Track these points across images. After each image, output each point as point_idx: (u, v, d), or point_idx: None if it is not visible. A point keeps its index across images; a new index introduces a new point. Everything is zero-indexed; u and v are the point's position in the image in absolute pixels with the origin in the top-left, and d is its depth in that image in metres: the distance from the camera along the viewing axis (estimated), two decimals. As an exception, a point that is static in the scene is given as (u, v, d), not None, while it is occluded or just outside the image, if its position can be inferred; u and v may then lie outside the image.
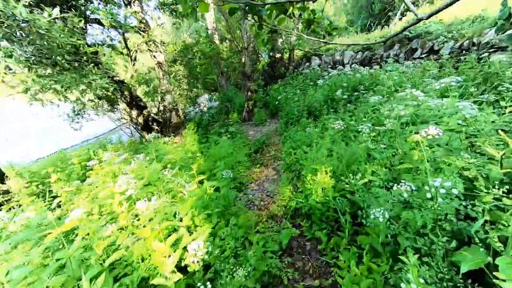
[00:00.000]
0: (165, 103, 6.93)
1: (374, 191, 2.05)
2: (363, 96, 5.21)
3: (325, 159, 3.06)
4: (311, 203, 2.64)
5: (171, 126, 7.14)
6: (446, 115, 2.46)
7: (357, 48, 9.10)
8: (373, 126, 3.03)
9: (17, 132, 16.09)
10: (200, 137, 7.03)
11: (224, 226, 2.44)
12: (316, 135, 4.91)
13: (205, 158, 4.56)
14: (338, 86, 6.03)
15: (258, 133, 7.85)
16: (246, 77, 8.98)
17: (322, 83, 6.86)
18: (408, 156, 2.10)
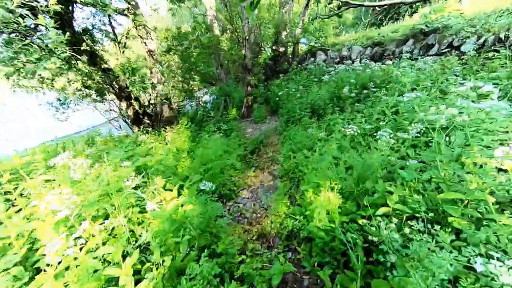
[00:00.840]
0: (157, 95, 6.29)
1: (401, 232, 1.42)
2: (373, 94, 4.55)
3: (331, 170, 2.43)
4: (311, 229, 2.02)
5: (162, 121, 6.51)
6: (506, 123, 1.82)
7: (366, 43, 8.36)
8: (392, 132, 2.38)
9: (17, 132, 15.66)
10: (193, 133, 6.41)
11: (195, 257, 1.83)
12: (318, 137, 4.27)
13: (192, 159, 3.94)
14: (345, 83, 5.36)
15: (257, 131, 7.21)
16: (246, 70, 8.30)
17: (328, 78, 6.18)
18: (461, 183, 1.45)
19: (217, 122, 6.86)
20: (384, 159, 2.18)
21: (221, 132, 6.16)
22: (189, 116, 6.77)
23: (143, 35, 5.91)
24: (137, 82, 5.39)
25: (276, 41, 10.71)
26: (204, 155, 3.59)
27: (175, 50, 6.70)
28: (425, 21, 6.74)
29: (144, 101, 6.93)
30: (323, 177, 2.34)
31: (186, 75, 7.07)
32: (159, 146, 5.33)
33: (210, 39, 6.79)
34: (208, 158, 3.60)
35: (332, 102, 5.49)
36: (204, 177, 3.37)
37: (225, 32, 9.93)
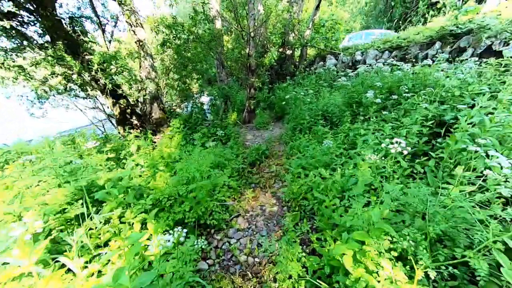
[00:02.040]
0: (145, 92, 5.37)
1: None
2: (406, 101, 3.60)
3: (377, 215, 1.45)
4: None
5: (152, 122, 5.57)
6: None
7: (382, 47, 7.47)
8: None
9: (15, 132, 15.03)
10: (185, 138, 5.46)
11: None
12: (338, 151, 3.31)
13: (171, 175, 2.97)
14: (367, 87, 4.42)
15: (258, 139, 6.26)
16: (249, 71, 7.40)
17: (344, 81, 5.24)
18: None
19: (214, 127, 5.92)
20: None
21: (216, 138, 5.21)
22: (183, 119, 5.83)
23: (132, 22, 5.03)
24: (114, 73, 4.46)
25: (283, 43, 9.86)
26: (187, 170, 2.63)
27: (170, 43, 5.81)
28: (455, 23, 5.85)
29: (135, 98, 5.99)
30: (362, 227, 1.37)
31: (183, 72, 6.16)
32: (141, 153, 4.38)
33: (211, 32, 5.92)
34: (194, 174, 2.64)
35: (350, 108, 4.54)
36: (184, 205, 2.40)
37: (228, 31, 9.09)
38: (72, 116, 6.87)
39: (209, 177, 2.81)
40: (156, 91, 5.66)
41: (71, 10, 5.93)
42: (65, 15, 5.82)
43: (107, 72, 4.30)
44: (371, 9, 18.68)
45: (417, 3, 15.34)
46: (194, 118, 5.87)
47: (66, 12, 5.85)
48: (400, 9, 16.02)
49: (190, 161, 2.71)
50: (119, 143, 4.67)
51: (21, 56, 5.75)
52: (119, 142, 4.65)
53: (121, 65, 4.31)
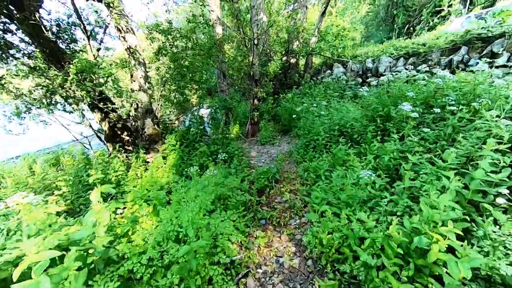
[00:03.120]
0: (137, 106, 4.65)
1: None
2: (453, 115, 2.84)
3: None
4: None
5: (144, 139, 4.81)
6: None
7: (396, 54, 6.81)
8: None
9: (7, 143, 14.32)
10: (182, 158, 4.69)
11: None
12: (377, 183, 2.53)
13: (158, 221, 2.18)
14: (396, 97, 3.68)
15: (264, 156, 5.49)
16: (253, 81, 6.72)
17: (365, 91, 4.49)
18: None
19: (214, 143, 5.16)
20: None
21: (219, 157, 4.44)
22: (179, 134, 5.08)
23: (122, 28, 4.36)
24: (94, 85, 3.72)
25: (287, 51, 9.24)
26: (178, 221, 1.84)
27: (165, 50, 5.13)
28: (482, 26, 5.19)
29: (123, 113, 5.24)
30: None
31: (180, 82, 5.45)
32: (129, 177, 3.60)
33: (211, 38, 5.25)
34: (186, 229, 1.85)
35: (374, 123, 3.79)
36: (171, 274, 1.60)
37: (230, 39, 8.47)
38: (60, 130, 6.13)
39: (208, 225, 2.01)
40: (149, 104, 4.93)
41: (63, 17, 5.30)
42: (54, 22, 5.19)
43: (85, 83, 3.57)
44: (372, 18, 18.31)
45: (420, 11, 14.91)
46: (192, 134, 5.12)
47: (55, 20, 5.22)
48: (402, 18, 15.58)
49: (183, 206, 1.91)
50: (103, 166, 3.89)
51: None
52: (102, 164, 3.87)
53: (103, 75, 3.60)
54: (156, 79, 5.52)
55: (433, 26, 13.81)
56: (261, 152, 5.82)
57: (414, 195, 2.22)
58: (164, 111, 5.38)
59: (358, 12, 19.39)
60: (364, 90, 4.44)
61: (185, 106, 6.03)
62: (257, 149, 6.14)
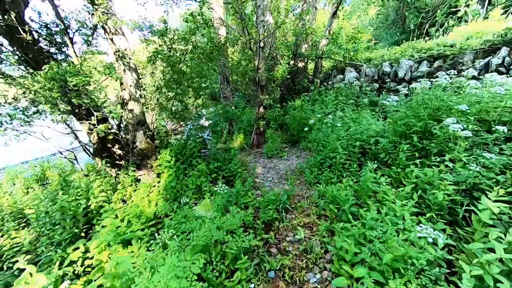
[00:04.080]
0: (127, 116, 4.02)
1: None
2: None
3: None
4: None
5: (136, 153, 4.18)
6: None
7: (417, 56, 6.04)
8: None
9: None
10: (176, 177, 4.04)
11: None
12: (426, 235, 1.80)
13: None
14: (437, 110, 2.94)
15: (271, 173, 4.79)
16: (258, 87, 6.05)
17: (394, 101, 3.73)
18: None
19: (215, 159, 4.48)
20: None
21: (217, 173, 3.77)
22: (175, 149, 4.43)
23: (109, 28, 3.75)
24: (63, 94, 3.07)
25: (294, 54, 8.56)
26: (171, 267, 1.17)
27: (160, 54, 4.50)
28: None
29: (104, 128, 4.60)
30: None
31: (177, 90, 4.81)
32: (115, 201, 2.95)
33: (212, 40, 4.60)
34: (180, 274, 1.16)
35: (408, 141, 3.05)
36: None
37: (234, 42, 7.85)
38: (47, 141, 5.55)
39: None
40: (142, 115, 4.30)
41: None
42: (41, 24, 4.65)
43: (54, 91, 2.95)
44: (382, 21, 17.51)
45: (434, 13, 14.05)
46: (190, 148, 4.46)
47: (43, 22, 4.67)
48: (414, 19, 14.74)
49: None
50: (82, 189, 3.25)
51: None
52: (80, 189, 3.23)
53: (79, 82, 2.97)
54: (152, 86, 4.90)
55: (447, 27, 12.94)
56: (268, 167, 5.12)
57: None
58: (159, 122, 4.73)
59: (367, 14, 18.61)
60: (392, 99, 3.69)
61: (185, 115, 5.38)
62: (263, 163, 5.45)
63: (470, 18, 12.29)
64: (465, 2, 12.53)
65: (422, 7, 14.71)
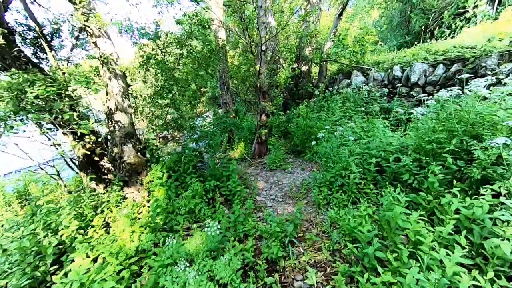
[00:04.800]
0: (114, 128, 3.55)
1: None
2: None
3: None
4: None
5: (124, 169, 3.70)
6: None
7: (431, 60, 5.52)
8: None
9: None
10: (168, 197, 3.55)
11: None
12: None
13: None
14: (474, 124, 2.43)
15: (274, 189, 4.29)
16: (260, 92, 5.57)
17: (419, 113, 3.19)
18: None
19: (212, 175, 3.99)
20: None
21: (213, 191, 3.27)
22: (168, 164, 3.93)
23: (92, 30, 3.29)
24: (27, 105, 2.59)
25: (297, 57, 8.08)
26: None
27: (155, 59, 4.04)
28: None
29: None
30: None
31: (169, 97, 4.33)
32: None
33: (207, 44, 4.12)
34: None
35: (439, 160, 2.53)
36: None
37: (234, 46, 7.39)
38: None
39: None
40: (130, 126, 3.83)
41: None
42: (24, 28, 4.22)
43: (9, 104, 2.48)
44: (386, 22, 16.99)
45: (440, 14, 13.51)
46: (185, 162, 3.96)
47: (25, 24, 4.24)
48: (420, 21, 14.20)
49: None
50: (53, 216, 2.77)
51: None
52: (50, 216, 2.74)
53: (39, 93, 2.50)
54: (144, 94, 4.43)
55: (455, 29, 12.38)
56: (270, 182, 4.62)
57: None
58: (150, 134, 4.24)
59: (370, 16, 18.10)
60: (417, 110, 3.16)
61: (181, 124, 4.89)
62: (265, 176, 4.94)
63: (479, 19, 11.76)
64: (474, 3, 11.99)
65: (428, 8, 14.17)
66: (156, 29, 3.82)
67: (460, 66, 4.94)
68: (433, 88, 5.35)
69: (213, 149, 4.14)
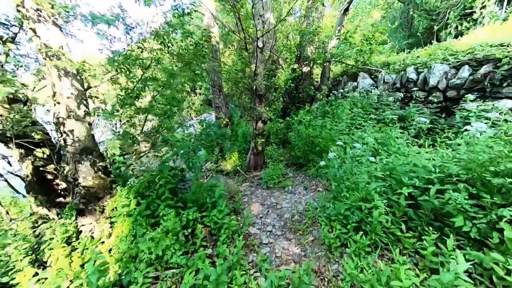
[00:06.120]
0: (65, 142, 2.66)
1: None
2: None
3: None
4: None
5: (79, 193, 2.80)
6: None
7: (453, 60, 4.71)
8: None
9: None
10: (133, 233, 2.67)
11: None
12: None
13: None
14: None
15: (272, 216, 3.42)
16: (256, 96, 4.72)
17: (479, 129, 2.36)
18: None
19: (194, 201, 3.11)
20: None
21: (194, 224, 2.42)
22: (137, 187, 3.05)
23: (29, 14, 2.41)
24: None
25: (298, 57, 7.25)
26: None
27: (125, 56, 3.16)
28: None
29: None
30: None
31: (130, 107, 3.41)
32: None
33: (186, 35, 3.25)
34: None
35: (502, 195, 1.71)
36: None
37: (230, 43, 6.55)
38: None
39: None
40: (89, 139, 2.95)
41: None
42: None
43: None
44: (388, 23, 16.24)
45: (445, 15, 12.78)
46: (161, 184, 3.08)
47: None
48: (424, 22, 13.47)
49: None
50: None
51: None
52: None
53: None
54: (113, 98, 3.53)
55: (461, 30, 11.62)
56: (267, 205, 3.76)
57: None
58: (113, 150, 3.33)
59: (372, 17, 17.34)
60: (477, 126, 2.29)
61: (152, 139, 3.96)
62: (261, 196, 4.08)
63: (487, 20, 11.05)
64: (481, 3, 11.29)
65: (433, 9, 13.44)
66: (120, 16, 2.91)
67: (491, 68, 4.13)
68: (456, 92, 4.53)
69: (194, 170, 3.26)
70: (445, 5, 12.87)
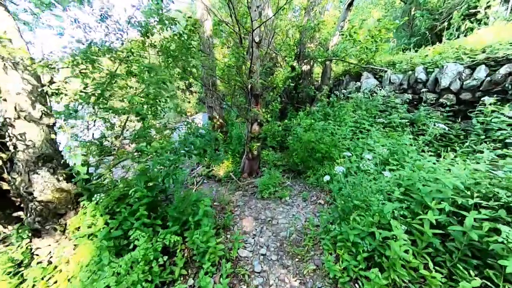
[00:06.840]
0: (20, 148, 2.13)
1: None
2: None
3: None
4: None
5: (35, 209, 2.27)
6: None
7: (467, 60, 4.25)
8: None
9: None
10: (97, 261, 2.17)
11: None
12: None
13: None
14: None
15: (267, 234, 2.94)
16: (252, 96, 4.22)
17: None
18: None
19: (177, 218, 2.61)
20: None
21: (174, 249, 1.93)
22: (109, 200, 2.55)
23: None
24: None
25: (297, 55, 6.75)
26: None
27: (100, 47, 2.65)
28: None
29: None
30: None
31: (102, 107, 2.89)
32: None
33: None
34: None
35: None
36: None
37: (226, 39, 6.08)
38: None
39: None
40: (47, 144, 2.42)
41: None
42: None
43: None
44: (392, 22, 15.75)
45: (448, 14, 12.34)
46: (135, 197, 2.58)
47: None
48: (426, 22, 13.01)
49: None
50: None
51: None
52: None
53: None
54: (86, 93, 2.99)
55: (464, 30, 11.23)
56: (261, 220, 3.27)
57: None
58: (75, 156, 2.80)
59: (373, 17, 16.87)
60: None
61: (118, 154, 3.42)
62: (255, 208, 3.59)
63: (491, 20, 10.64)
64: (486, 3, 10.87)
65: (435, 9, 13.00)
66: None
67: (510, 68, 3.67)
68: (472, 95, 4.08)
69: (176, 186, 2.76)
70: (448, 5, 12.41)
